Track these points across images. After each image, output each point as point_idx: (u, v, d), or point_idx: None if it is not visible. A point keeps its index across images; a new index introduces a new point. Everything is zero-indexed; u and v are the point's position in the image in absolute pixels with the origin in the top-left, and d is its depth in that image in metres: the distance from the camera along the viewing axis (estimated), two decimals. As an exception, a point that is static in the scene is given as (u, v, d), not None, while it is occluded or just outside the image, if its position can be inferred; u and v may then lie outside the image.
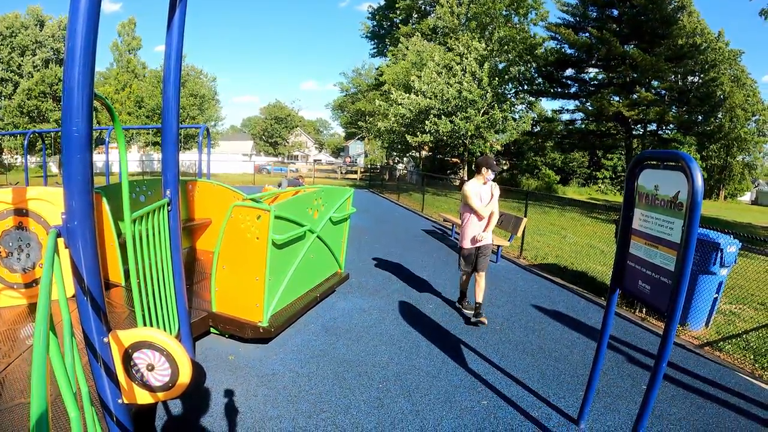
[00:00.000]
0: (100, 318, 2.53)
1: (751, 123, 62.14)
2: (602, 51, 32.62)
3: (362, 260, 9.64)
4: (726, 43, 54.35)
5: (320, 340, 5.59)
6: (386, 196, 27.14)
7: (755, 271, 10.11)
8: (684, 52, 33.42)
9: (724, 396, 4.93)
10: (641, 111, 32.68)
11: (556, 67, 36.90)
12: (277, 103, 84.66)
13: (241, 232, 5.04)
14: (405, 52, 31.66)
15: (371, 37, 51.60)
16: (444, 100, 25.66)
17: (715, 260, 6.51)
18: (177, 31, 3.64)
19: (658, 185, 3.45)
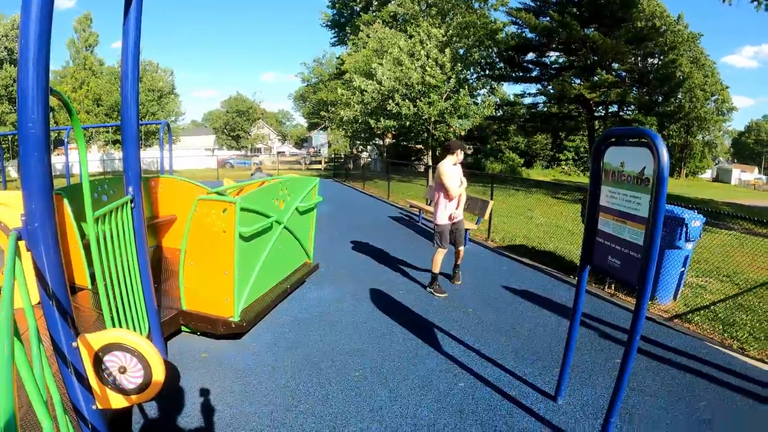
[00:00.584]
0: (68, 323, 2.47)
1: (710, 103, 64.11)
2: (563, 35, 32.87)
3: (331, 249, 9.59)
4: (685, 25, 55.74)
5: (293, 331, 5.55)
6: (351, 185, 27.10)
7: (719, 245, 10.41)
8: (644, 34, 33.95)
9: (696, 366, 5.06)
10: (602, 93, 33.11)
11: (517, 51, 37.10)
12: (238, 96, 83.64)
13: (207, 226, 4.95)
14: (366, 40, 31.47)
15: (331, 25, 51.16)
16: (407, 85, 25.61)
17: (680, 235, 6.65)
18: (134, 24, 3.54)
19: (624, 162, 3.50)
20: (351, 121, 31.16)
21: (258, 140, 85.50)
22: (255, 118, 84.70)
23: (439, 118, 26.78)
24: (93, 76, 46.43)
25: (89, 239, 3.24)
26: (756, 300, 7.53)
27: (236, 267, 4.96)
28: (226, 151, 72.68)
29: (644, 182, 3.28)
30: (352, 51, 36.69)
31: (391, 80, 25.66)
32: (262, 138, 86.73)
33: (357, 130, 33.15)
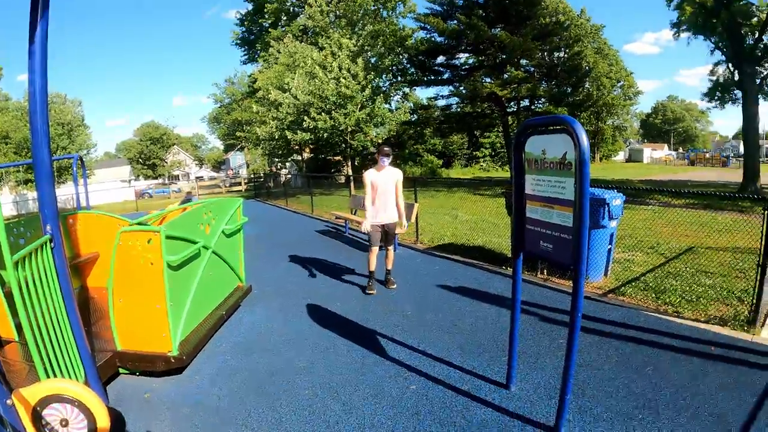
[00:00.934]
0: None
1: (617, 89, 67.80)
2: (471, 36, 33.54)
3: (262, 270, 9.42)
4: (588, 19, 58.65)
5: (235, 358, 5.40)
6: (274, 203, 26.79)
7: (640, 220, 10.98)
8: (549, 30, 35.18)
9: (637, 334, 5.36)
10: (513, 89, 34.02)
11: (428, 55, 37.62)
12: (151, 123, 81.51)
13: (133, 259, 4.74)
14: (277, 56, 31.24)
15: (241, 43, 50.61)
16: (323, 97, 25.55)
17: (603, 214, 7.02)
18: (39, 56, 3.37)
19: (546, 149, 3.66)
20: (268, 139, 30.85)
21: (174, 167, 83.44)
22: (169, 144, 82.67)
23: (356, 127, 26.86)
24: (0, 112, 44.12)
25: (10, 287, 3.05)
26: (682, 265, 8.09)
27: (168, 299, 4.79)
28: (143, 181, 70.59)
29: (567, 167, 3.43)
30: (263, 68, 36.37)
31: (305, 94, 25.55)
32: (178, 164, 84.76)
33: (274, 147, 32.88)
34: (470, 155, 63.14)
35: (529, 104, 38.80)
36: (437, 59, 38.80)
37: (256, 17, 46.67)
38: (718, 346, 5.01)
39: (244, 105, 44.57)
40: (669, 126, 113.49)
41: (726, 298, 6.48)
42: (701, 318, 5.84)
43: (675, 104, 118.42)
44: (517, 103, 37.82)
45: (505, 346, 4.64)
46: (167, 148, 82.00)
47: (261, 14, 44.61)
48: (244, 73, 57.23)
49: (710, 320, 5.76)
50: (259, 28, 47.36)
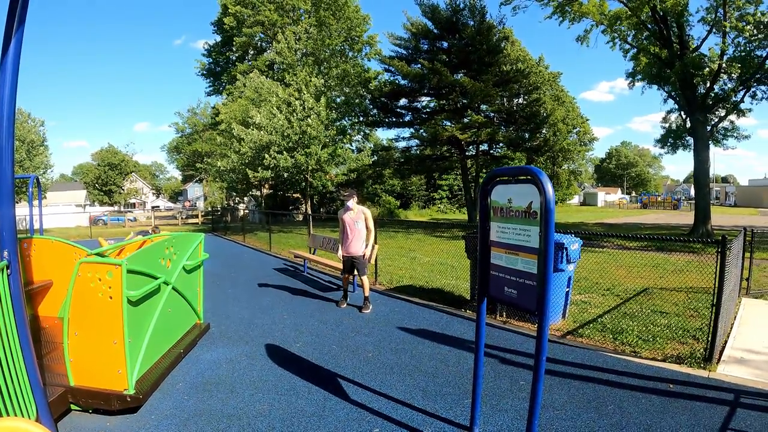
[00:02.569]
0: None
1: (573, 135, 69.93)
2: (434, 80, 34.26)
3: (219, 307, 9.24)
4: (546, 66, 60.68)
5: (192, 398, 5.22)
6: (232, 238, 26.45)
7: (596, 263, 11.19)
8: (509, 77, 36.30)
9: (597, 375, 5.47)
10: (473, 133, 34.75)
11: (390, 97, 38.22)
12: (110, 148, 79.93)
13: (92, 291, 4.61)
14: (243, 89, 31.28)
15: (207, 74, 50.59)
16: (285, 136, 25.60)
17: (561, 258, 7.26)
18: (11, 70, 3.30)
19: (512, 198, 3.76)
20: (228, 171, 30.66)
21: (131, 195, 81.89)
22: (128, 171, 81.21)
23: (317, 166, 26.94)
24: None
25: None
26: (637, 306, 8.38)
27: (126, 335, 4.65)
28: (98, 207, 68.96)
29: (532, 215, 3.54)
30: (228, 101, 36.34)
31: (268, 132, 25.58)
32: (135, 192, 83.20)
33: (234, 180, 32.67)
34: (428, 197, 63.80)
35: (488, 148, 39.68)
36: (400, 101, 39.49)
37: (223, 49, 46.91)
38: (676, 383, 5.18)
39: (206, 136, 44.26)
40: (622, 170, 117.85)
41: (682, 336, 6.71)
42: (658, 357, 6.03)
43: (628, 150, 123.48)
44: (476, 147, 38.57)
45: (467, 388, 4.63)
46: (125, 175, 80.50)
47: (229, 47, 44.85)
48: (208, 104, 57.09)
49: (667, 359, 5.94)
50: (225, 60, 47.57)
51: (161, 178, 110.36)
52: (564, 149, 65.93)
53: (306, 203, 32.57)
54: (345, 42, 34.12)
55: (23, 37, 3.41)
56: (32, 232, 8.95)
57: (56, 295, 6.89)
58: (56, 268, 6.90)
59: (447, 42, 37.09)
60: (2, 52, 3.31)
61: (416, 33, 37.28)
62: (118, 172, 78.42)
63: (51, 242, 7.07)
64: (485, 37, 34.96)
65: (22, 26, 3.36)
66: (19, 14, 3.32)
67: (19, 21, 3.33)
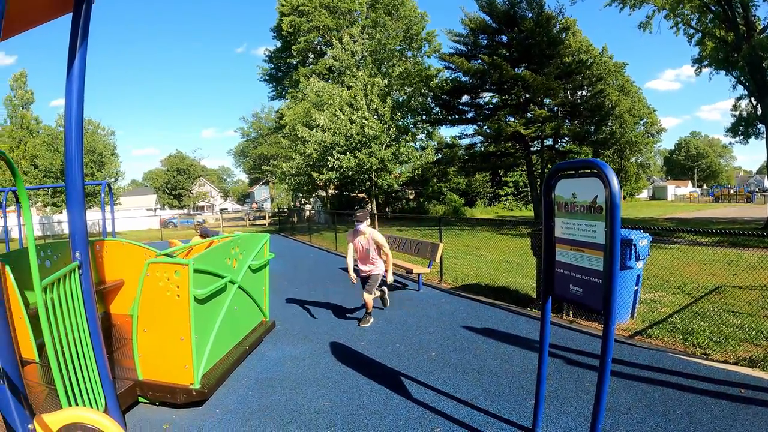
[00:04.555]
0: (22, 403, 2.26)
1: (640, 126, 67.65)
2: (495, 75, 33.89)
3: (285, 306, 9.38)
4: (610, 56, 58.77)
5: (256, 394, 5.31)
6: (298, 238, 26.84)
7: (666, 260, 10.78)
8: (572, 69, 35.45)
9: (665, 377, 5.21)
10: (537, 128, 34.19)
11: (452, 95, 38.02)
12: (179, 154, 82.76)
13: (160, 290, 4.75)
14: (305, 92, 31.69)
15: (269, 80, 51.47)
16: (348, 136, 25.79)
17: (630, 255, 6.96)
18: (77, 81, 3.42)
19: (576, 193, 3.62)
20: (293, 174, 31.10)
21: (200, 198, 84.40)
22: (196, 175, 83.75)
23: (381, 165, 27.00)
24: (30, 136, 45.11)
25: (35, 307, 3.02)
26: (709, 305, 7.94)
27: (193, 331, 4.75)
28: (168, 211, 71.37)
29: (597, 210, 3.40)
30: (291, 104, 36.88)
31: (331, 134, 25.81)
32: (204, 195, 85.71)
33: (300, 182, 33.11)
34: (493, 194, 63.11)
35: (552, 143, 38.90)
36: (461, 98, 39.21)
37: (284, 54, 47.57)
38: (747, 388, 4.87)
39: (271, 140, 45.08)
40: (692, 162, 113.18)
41: (755, 338, 6.33)
42: (730, 359, 5.70)
43: (698, 140, 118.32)
44: (540, 142, 37.90)
45: (530, 389, 4.52)
46: (193, 179, 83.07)
47: (289, 52, 45.45)
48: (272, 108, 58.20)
49: (739, 362, 5.61)
50: (286, 65, 48.21)
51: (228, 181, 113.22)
52: (631, 142, 63.80)
53: (371, 202, 32.72)
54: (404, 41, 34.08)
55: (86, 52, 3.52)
56: (104, 235, 9.29)
57: (127, 294, 7.13)
58: (127, 269, 7.15)
59: (506, 36, 36.56)
60: (68, 65, 3.43)
61: (474, 28, 36.94)
62: (186, 176, 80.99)
63: (122, 244, 7.33)
64: (545, 28, 34.26)
65: (85, 41, 3.47)
66: (82, 28, 3.44)
67: (82, 35, 3.45)
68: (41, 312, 3.01)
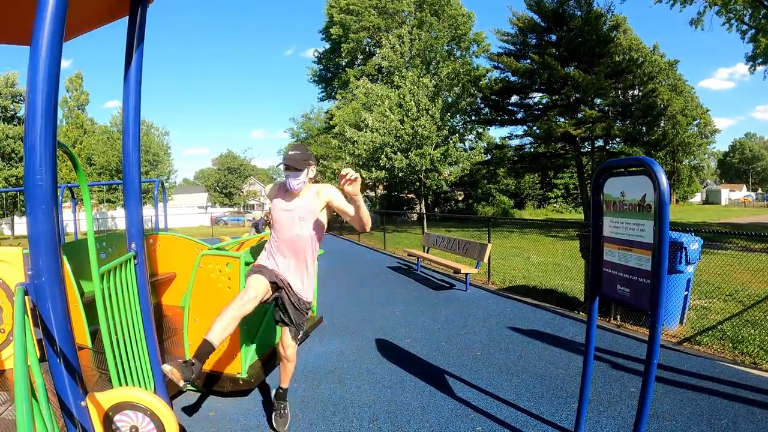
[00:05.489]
0: (76, 381, 2.37)
1: (693, 127, 65.54)
2: (544, 75, 33.53)
3: (333, 302, 9.47)
4: (662, 55, 57.17)
5: (301, 386, 5.39)
6: (347, 237, 27.01)
7: (717, 266, 10.50)
8: (622, 68, 34.74)
9: (711, 385, 5.06)
10: (587, 129, 33.61)
11: (501, 95, 37.77)
12: (229, 154, 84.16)
13: (212, 282, 4.86)
14: (355, 93, 31.91)
15: (318, 81, 51.92)
16: (398, 137, 25.85)
17: (680, 259, 6.79)
18: (134, 81, 3.55)
19: (624, 191, 3.57)
20: (343, 173, 31.33)
21: (250, 197, 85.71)
22: (246, 175, 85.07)
23: (431, 166, 26.97)
24: (85, 135, 46.63)
25: (90, 296, 3.15)
26: (761, 314, 7.67)
27: (242, 323, 4.85)
28: (219, 209, 72.77)
29: (646, 209, 3.35)
30: (340, 104, 37.17)
31: (381, 134, 25.90)
32: (254, 194, 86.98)
33: (348, 181, 33.31)
34: (543, 196, 62.31)
35: (603, 144, 38.21)
36: (511, 99, 38.96)
37: (332, 56, 47.91)
38: (797, 400, 4.68)
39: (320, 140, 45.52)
40: (747, 165, 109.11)
41: (807, 348, 6.08)
42: (780, 370, 5.50)
43: (753, 142, 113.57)
44: (591, 143, 37.29)
45: (574, 391, 4.46)
46: (244, 178, 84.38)
47: (337, 53, 45.78)
48: (321, 109, 58.59)
49: (790, 372, 5.40)
50: (335, 66, 48.56)
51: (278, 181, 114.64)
52: (684, 143, 61.84)
53: (420, 203, 32.75)
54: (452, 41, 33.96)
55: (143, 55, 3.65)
56: (157, 231, 9.56)
57: (179, 287, 7.32)
58: (179, 262, 7.34)
59: (555, 35, 36.20)
60: (125, 68, 3.57)
61: (523, 27, 36.63)
62: (237, 175, 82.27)
63: (175, 238, 7.53)
64: (594, 26, 33.74)
65: (141, 44, 3.60)
66: (138, 30, 3.56)
67: (139, 37, 3.57)
68: (98, 297, 3.13)
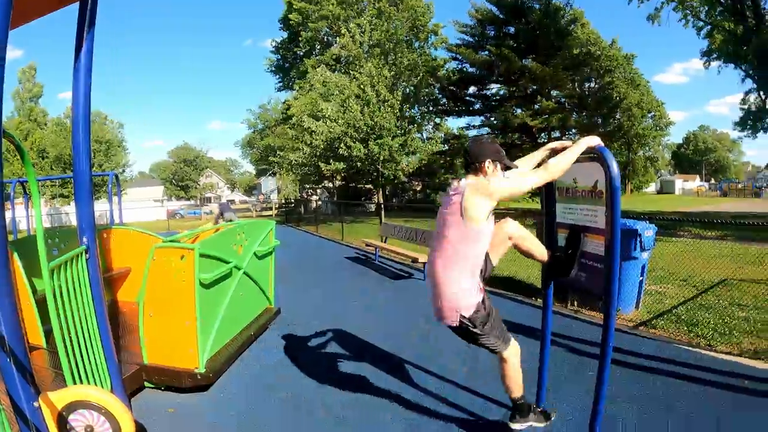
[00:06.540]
0: (28, 381, 2.31)
1: (648, 119, 67.16)
2: (502, 67, 33.96)
3: (291, 293, 9.40)
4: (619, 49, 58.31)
5: (261, 379, 5.37)
6: (305, 228, 26.87)
7: (671, 253, 10.79)
8: (580, 60, 35.46)
9: (668, 367, 5.22)
10: (544, 120, 34.18)
11: (459, 86, 38.04)
12: (185, 145, 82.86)
13: (166, 275, 4.79)
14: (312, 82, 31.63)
15: (276, 71, 51.32)
16: (356, 127, 25.75)
17: (635, 245, 6.96)
18: (84, 69, 3.46)
19: (576, 178, 3.68)
20: (300, 165, 31.11)
21: (207, 189, 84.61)
22: (203, 167, 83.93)
23: (389, 156, 26.98)
24: (38, 128, 45.32)
25: (43, 294, 3.07)
26: (715, 298, 7.94)
27: (198, 316, 4.79)
28: (175, 202, 71.59)
29: (598, 195, 3.46)
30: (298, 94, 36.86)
31: (340, 124, 25.78)
32: (210, 187, 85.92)
33: (306, 173, 33.14)
34: (499, 185, 62.97)
35: (560, 135, 38.82)
36: (469, 89, 39.27)
37: (290, 45, 47.40)
38: (751, 379, 4.87)
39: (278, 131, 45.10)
40: (701, 157, 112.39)
41: (760, 330, 6.30)
42: (734, 351, 5.70)
43: (706, 134, 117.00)
44: (548, 134, 37.85)
45: (533, 377, 4.54)
46: (200, 170, 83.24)
47: (296, 43, 45.34)
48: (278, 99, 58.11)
49: (744, 353, 5.61)
50: (293, 56, 48.07)
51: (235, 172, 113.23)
52: (639, 135, 63.51)
53: (378, 193, 32.77)
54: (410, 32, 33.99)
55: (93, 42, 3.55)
56: (112, 224, 9.36)
57: (134, 282, 7.18)
58: (135, 256, 7.19)
59: (513, 27, 36.63)
60: (75, 55, 3.47)
61: (482, 19, 36.94)
62: (193, 168, 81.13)
63: (129, 232, 7.39)
64: (552, 19, 34.32)
65: (92, 30, 3.50)
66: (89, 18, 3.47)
67: (89, 24, 3.48)
68: (48, 294, 3.05)
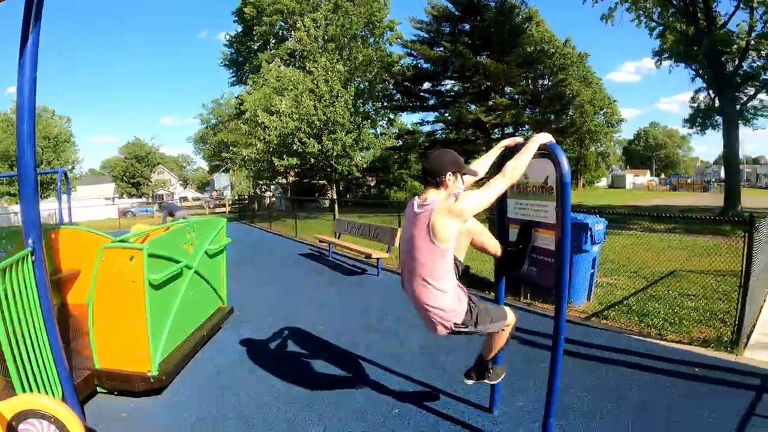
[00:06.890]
0: (-28, 390, 2.25)
1: (600, 116, 69.02)
2: (457, 63, 34.17)
3: (244, 291, 9.31)
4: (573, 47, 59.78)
5: (215, 379, 5.31)
6: (258, 225, 26.65)
7: (622, 246, 11.11)
8: (533, 58, 36.06)
9: (620, 357, 5.40)
10: (498, 116, 34.56)
11: (414, 81, 38.18)
12: (137, 141, 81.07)
13: (114, 276, 4.67)
14: (266, 77, 31.30)
15: (230, 65, 50.69)
16: (310, 123, 25.58)
17: (586, 239, 7.15)
18: (30, 62, 3.35)
19: (527, 174, 3.72)
20: (254, 160, 30.78)
21: (159, 186, 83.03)
22: (155, 163, 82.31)
23: (343, 152, 26.91)
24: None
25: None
26: (664, 289, 8.26)
27: (149, 317, 4.71)
28: (126, 200, 70.02)
29: (548, 190, 3.55)
30: (251, 89, 36.45)
31: (294, 119, 25.58)
32: (163, 184, 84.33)
33: (260, 169, 32.83)
34: (453, 180, 63.50)
35: (513, 131, 39.29)
36: (423, 85, 39.41)
37: (245, 39, 46.93)
38: (701, 366, 5.08)
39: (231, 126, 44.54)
40: (651, 152, 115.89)
41: (709, 320, 6.57)
42: (684, 340, 5.92)
43: (657, 131, 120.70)
44: (501, 130, 38.27)
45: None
46: (152, 167, 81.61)
47: (250, 37, 44.89)
48: (232, 94, 57.41)
49: (693, 342, 5.83)
50: (247, 50, 47.58)
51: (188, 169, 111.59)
52: (591, 131, 65.39)
53: (332, 189, 32.68)
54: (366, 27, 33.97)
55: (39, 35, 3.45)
56: (61, 224, 9.10)
57: (84, 284, 6.97)
58: (84, 257, 6.98)
59: (469, 24, 36.83)
60: (20, 48, 3.37)
61: (437, 16, 37.10)
62: (145, 164, 79.52)
63: (79, 231, 7.19)
64: (507, 17, 34.69)
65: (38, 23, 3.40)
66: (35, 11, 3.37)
67: (35, 17, 3.38)
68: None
